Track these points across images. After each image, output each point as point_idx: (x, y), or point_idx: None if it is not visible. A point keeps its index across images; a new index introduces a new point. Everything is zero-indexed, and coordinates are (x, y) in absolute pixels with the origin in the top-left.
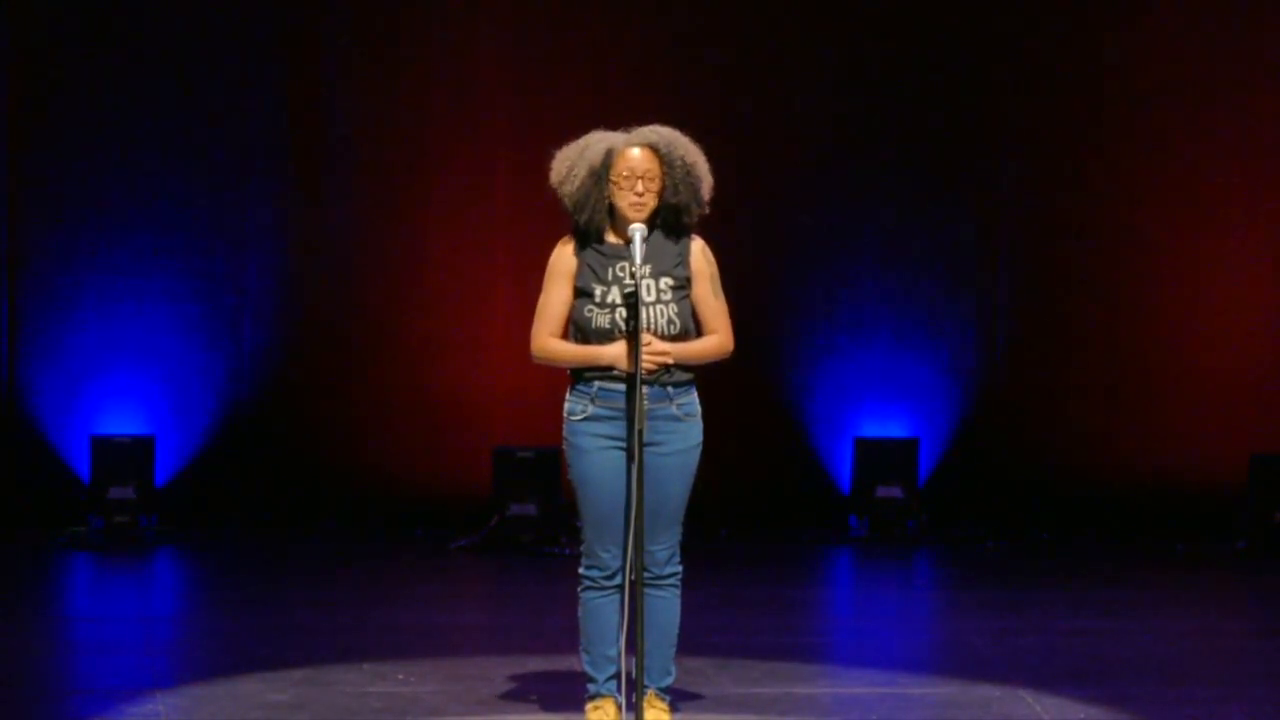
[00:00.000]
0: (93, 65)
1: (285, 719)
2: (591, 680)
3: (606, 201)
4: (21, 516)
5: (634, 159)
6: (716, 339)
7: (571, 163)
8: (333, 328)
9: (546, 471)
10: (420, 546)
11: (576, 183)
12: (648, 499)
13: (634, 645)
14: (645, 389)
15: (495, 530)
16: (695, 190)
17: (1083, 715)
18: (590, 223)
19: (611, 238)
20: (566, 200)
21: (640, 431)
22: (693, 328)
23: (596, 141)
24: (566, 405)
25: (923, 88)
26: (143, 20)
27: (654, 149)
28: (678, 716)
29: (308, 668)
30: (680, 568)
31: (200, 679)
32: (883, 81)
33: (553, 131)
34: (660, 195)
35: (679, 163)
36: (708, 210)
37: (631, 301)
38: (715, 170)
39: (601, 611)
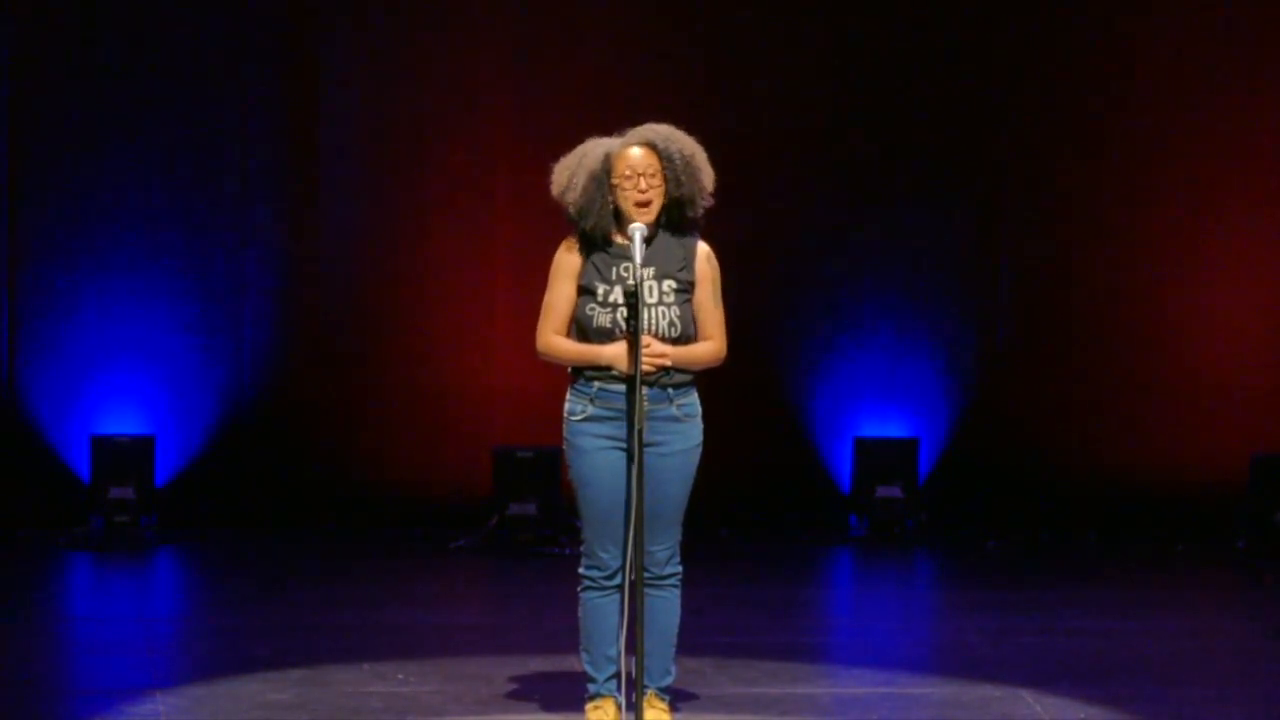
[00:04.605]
0: (92, 65)
1: (285, 719)
2: (591, 680)
3: (611, 205)
4: (21, 516)
5: (633, 158)
6: (712, 345)
7: (571, 172)
8: (332, 327)
9: (546, 471)
10: (420, 546)
11: (579, 190)
12: (648, 499)
13: (634, 645)
14: (645, 389)
15: (495, 530)
16: (697, 180)
17: (1083, 715)
18: (596, 228)
19: (618, 238)
20: (571, 209)
21: (640, 431)
22: (693, 332)
23: (593, 148)
24: (566, 405)
25: (923, 87)
26: (142, 20)
27: (651, 146)
28: (678, 716)
29: (308, 668)
30: (680, 568)
31: (200, 679)
32: (883, 81)
33: (552, 132)
34: (664, 191)
35: (677, 155)
36: (712, 201)
37: (632, 302)
38: (714, 170)
39: (601, 611)
